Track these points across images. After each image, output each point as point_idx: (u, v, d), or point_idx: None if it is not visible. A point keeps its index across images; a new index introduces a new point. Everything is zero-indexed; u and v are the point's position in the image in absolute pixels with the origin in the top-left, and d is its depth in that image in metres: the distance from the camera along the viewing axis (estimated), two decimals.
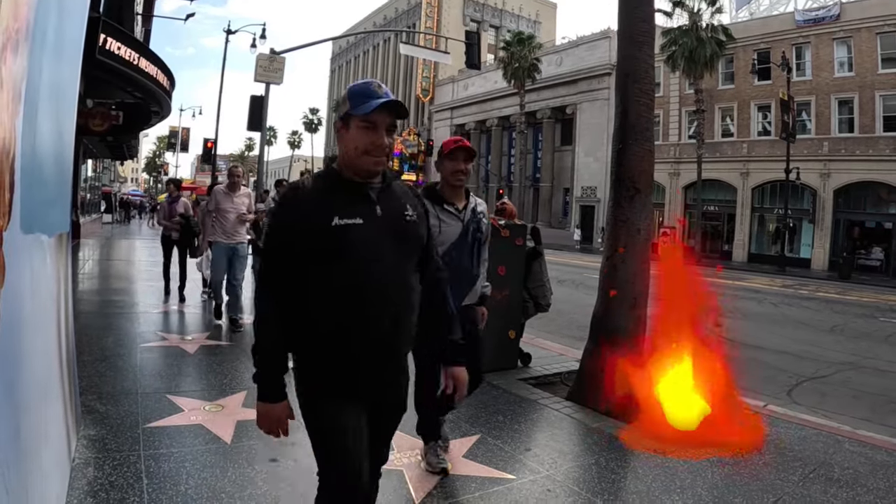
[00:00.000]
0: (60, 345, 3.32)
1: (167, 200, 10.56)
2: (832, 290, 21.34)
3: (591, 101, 44.43)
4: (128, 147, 29.36)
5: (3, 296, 1.80)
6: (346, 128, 2.14)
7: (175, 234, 10.23)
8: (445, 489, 3.65)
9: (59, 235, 3.35)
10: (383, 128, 2.11)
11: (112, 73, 13.30)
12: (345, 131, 2.15)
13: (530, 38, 46.17)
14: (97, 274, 14.14)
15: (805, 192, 33.11)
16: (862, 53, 30.83)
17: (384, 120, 2.11)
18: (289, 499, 3.40)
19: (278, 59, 20.13)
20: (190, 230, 10.11)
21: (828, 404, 6.50)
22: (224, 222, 8.00)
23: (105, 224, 36.70)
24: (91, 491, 3.28)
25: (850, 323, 13.00)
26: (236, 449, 4.07)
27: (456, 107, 59.09)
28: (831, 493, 3.88)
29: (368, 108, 2.07)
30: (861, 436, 5.06)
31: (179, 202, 10.51)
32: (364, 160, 2.11)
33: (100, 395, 4.89)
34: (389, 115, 2.12)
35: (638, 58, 5.66)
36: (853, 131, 31.37)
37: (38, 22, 2.23)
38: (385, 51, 71.42)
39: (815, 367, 8.25)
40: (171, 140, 59.09)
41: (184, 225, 10.16)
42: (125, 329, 7.65)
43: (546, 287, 6.85)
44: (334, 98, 79.38)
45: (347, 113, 2.13)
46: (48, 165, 2.83)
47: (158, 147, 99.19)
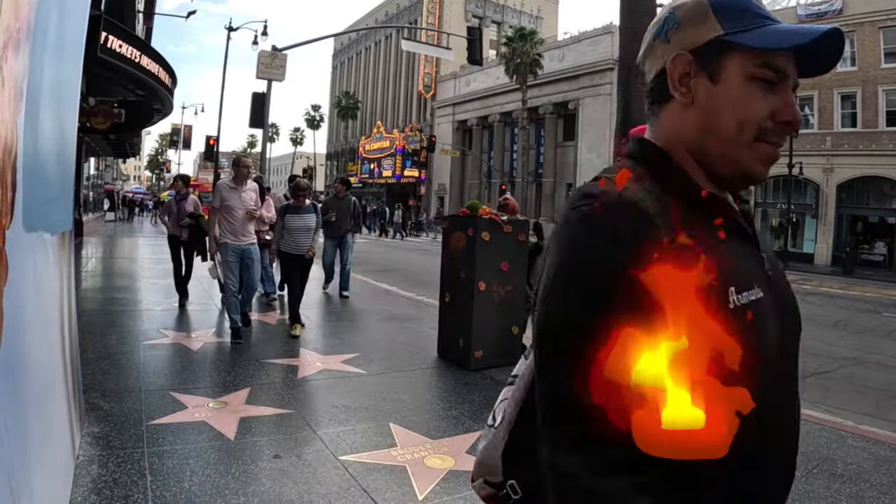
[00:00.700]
0: (64, 343, 3.33)
1: (174, 198, 9.59)
2: (835, 285, 21.30)
3: (594, 97, 44.33)
4: (130, 145, 29.41)
5: (5, 294, 1.80)
6: (711, 76, 0.98)
7: (184, 235, 9.35)
8: (448, 485, 3.66)
9: (61, 233, 3.35)
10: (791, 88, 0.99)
11: (114, 71, 13.32)
12: (704, 82, 0.98)
13: (532, 33, 46.13)
14: (100, 272, 14.16)
15: (808, 187, 33.05)
16: (865, 48, 30.72)
17: (794, 71, 0.98)
18: (292, 495, 3.41)
19: (280, 56, 20.13)
20: (201, 231, 9.15)
21: (831, 399, 6.49)
22: (232, 221, 7.19)
23: (108, 222, 36.78)
24: (95, 488, 3.29)
25: (853, 318, 12.97)
26: (240, 446, 4.08)
27: (458, 103, 58.99)
28: (835, 488, 3.88)
29: (791, 40, 0.94)
30: (865, 431, 5.05)
31: (189, 200, 9.50)
32: (757, 150, 1.00)
33: (103, 393, 4.90)
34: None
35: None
36: (856, 126, 31.27)
37: (39, 21, 2.23)
38: (387, 47, 71.32)
39: (819, 362, 8.23)
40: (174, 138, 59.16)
41: (194, 226, 9.27)
42: (128, 327, 7.66)
43: None
44: (336, 95, 79.46)
45: (722, 40, 0.96)
46: (50, 164, 2.83)
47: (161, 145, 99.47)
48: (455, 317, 6.66)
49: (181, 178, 10.25)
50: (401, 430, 4.56)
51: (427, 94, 63.07)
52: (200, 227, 9.10)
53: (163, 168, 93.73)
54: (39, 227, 2.56)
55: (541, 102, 48.53)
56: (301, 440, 4.24)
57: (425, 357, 6.82)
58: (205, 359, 6.34)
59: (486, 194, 52.82)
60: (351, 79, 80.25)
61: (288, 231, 7.55)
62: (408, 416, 4.90)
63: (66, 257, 3.65)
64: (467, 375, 6.17)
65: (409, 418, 4.83)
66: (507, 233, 6.49)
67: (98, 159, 35.39)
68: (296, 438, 4.27)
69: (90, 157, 29.06)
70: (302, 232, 7.56)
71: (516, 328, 6.69)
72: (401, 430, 4.56)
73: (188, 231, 9.29)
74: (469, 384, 5.89)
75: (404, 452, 4.12)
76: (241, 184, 7.38)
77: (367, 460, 3.96)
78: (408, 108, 67.29)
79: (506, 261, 6.48)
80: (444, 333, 6.92)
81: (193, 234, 9.27)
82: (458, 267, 6.59)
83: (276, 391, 5.35)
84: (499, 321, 6.52)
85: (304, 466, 3.80)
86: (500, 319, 6.53)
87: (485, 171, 55.16)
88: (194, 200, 9.67)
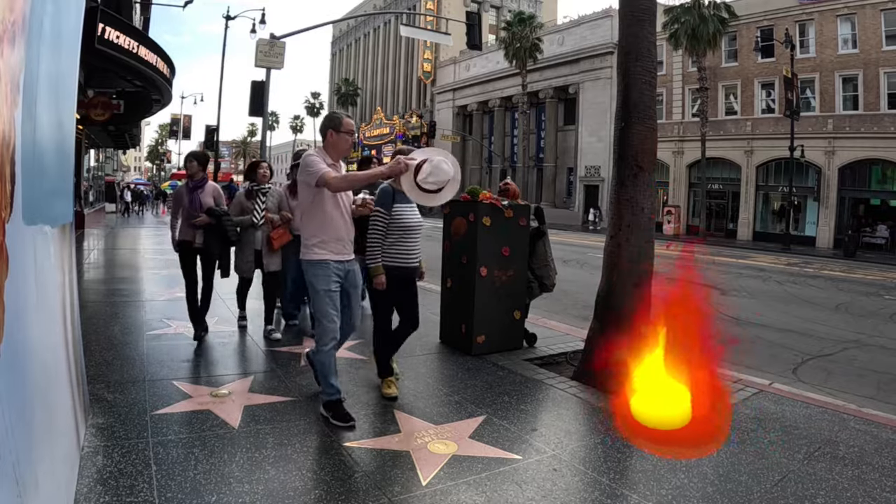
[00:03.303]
0: (66, 334, 3.34)
1: (187, 186, 6.66)
2: (837, 268, 21.29)
3: (594, 81, 44.18)
4: (130, 136, 29.38)
5: (7, 287, 1.81)
6: None
7: (199, 240, 6.58)
8: (452, 470, 3.67)
9: (62, 226, 3.36)
10: None
11: (112, 63, 13.28)
12: None
13: (531, 17, 46.00)
14: (102, 263, 14.17)
15: (810, 170, 32.96)
16: (866, 30, 30.53)
17: None
18: (297, 482, 3.43)
19: (278, 44, 20.02)
20: (222, 235, 6.56)
21: (833, 382, 6.51)
22: (336, 222, 4.78)
23: (109, 213, 36.77)
24: (101, 479, 3.31)
25: (855, 301, 12.97)
26: (244, 434, 4.09)
27: (458, 88, 58.84)
28: (836, 471, 3.89)
29: None
30: (867, 414, 5.06)
31: (206, 188, 6.63)
32: None
33: (107, 384, 4.92)
34: None
35: (639, 36, 5.63)
36: (858, 109, 31.16)
37: (34, 13, 2.23)
38: (386, 33, 71.06)
39: (821, 345, 8.25)
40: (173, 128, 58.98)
41: (214, 225, 6.52)
42: (131, 317, 7.68)
43: (550, 267, 6.85)
44: (335, 82, 79.23)
45: None
46: (49, 156, 2.83)
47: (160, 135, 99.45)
48: (457, 302, 6.66)
49: (195, 156, 6.84)
50: (404, 416, 4.58)
51: (427, 79, 62.90)
52: (223, 229, 6.52)
53: (163, 158, 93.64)
54: (40, 220, 2.56)
55: (541, 87, 48.42)
56: (305, 428, 4.26)
57: (427, 343, 6.83)
58: (208, 348, 6.35)
59: (486, 179, 52.80)
60: (350, 66, 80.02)
61: (399, 230, 4.96)
62: (411, 401, 4.92)
63: (68, 249, 3.65)
64: (469, 361, 6.19)
65: (412, 404, 4.85)
66: (509, 218, 6.48)
67: (98, 151, 35.35)
68: (300, 426, 4.29)
69: (90, 148, 29.03)
70: (417, 232, 5.09)
71: (518, 313, 6.69)
72: (404, 416, 4.58)
73: (203, 234, 6.56)
74: (471, 369, 5.90)
75: (408, 438, 4.14)
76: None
77: (371, 447, 3.98)
78: (408, 94, 67.12)
79: (507, 246, 6.47)
80: (445, 319, 6.94)
81: (211, 237, 6.55)
82: (460, 252, 6.59)
83: (280, 379, 5.37)
84: (501, 306, 6.53)
85: (309, 454, 3.82)
86: (501, 305, 6.53)
87: (485, 157, 55.12)
88: (214, 189, 6.74)
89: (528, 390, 5.37)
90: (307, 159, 4.27)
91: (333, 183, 4.20)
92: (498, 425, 4.47)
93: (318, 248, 4.33)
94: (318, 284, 4.31)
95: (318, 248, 4.33)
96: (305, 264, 4.39)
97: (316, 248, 4.34)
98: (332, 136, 4.40)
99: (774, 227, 34.76)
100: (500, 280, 6.48)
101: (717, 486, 3.60)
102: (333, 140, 4.40)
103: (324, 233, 4.34)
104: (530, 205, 6.89)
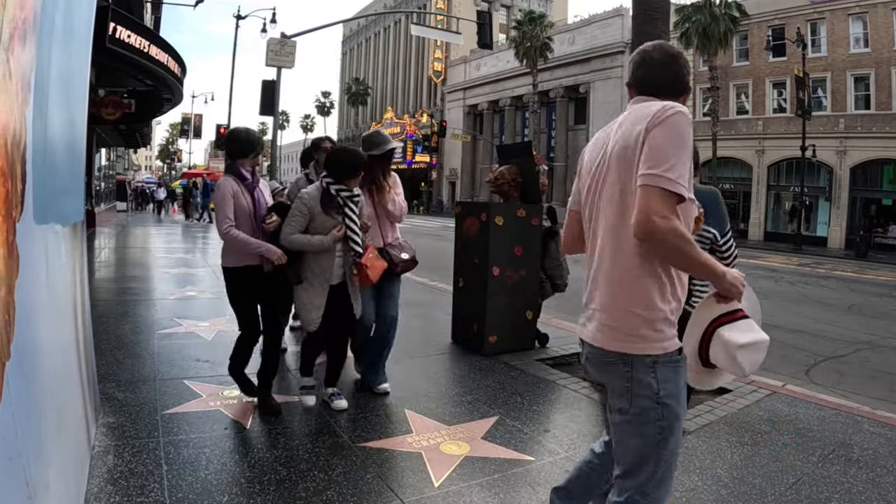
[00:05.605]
0: (77, 333, 3.34)
1: (236, 180, 4.36)
2: (849, 268, 21.15)
3: (605, 80, 44.08)
4: (141, 135, 29.48)
5: (18, 286, 1.79)
6: None
7: (268, 266, 4.32)
8: (465, 471, 3.65)
9: (73, 225, 3.35)
10: None
11: (123, 62, 13.34)
12: None
13: (542, 16, 45.99)
14: (113, 262, 14.22)
15: (821, 170, 32.79)
16: (878, 29, 30.35)
17: None
18: (308, 483, 3.41)
19: (289, 44, 20.08)
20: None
21: (846, 384, 6.45)
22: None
23: (120, 212, 36.93)
24: (111, 478, 3.30)
25: (867, 302, 12.87)
26: (255, 434, 4.09)
27: (468, 87, 58.84)
28: (851, 473, 3.84)
29: None
30: (881, 416, 5.00)
31: (263, 185, 4.62)
32: None
33: (118, 383, 4.92)
34: None
35: (652, 34, 5.59)
36: (869, 108, 30.98)
37: (45, 11, 2.21)
38: (396, 32, 71.10)
39: (833, 346, 8.18)
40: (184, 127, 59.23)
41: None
42: (142, 316, 7.69)
43: (563, 267, 6.81)
44: (346, 81, 79.35)
45: None
46: (60, 155, 2.82)
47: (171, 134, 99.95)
48: (469, 302, 6.64)
49: (236, 136, 4.56)
50: (416, 416, 4.56)
51: (437, 79, 62.91)
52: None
53: (174, 157, 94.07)
54: (51, 219, 2.55)
55: (551, 86, 48.36)
56: (316, 427, 4.25)
57: (439, 342, 6.81)
58: (219, 347, 6.34)
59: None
60: (361, 65, 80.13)
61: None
62: (423, 402, 4.89)
63: (79, 248, 3.65)
64: (482, 361, 6.16)
65: (423, 404, 4.82)
66: (521, 217, 6.46)
67: (109, 150, 35.51)
68: (311, 426, 4.28)
69: (101, 147, 29.17)
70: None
71: (530, 313, 6.66)
72: (416, 416, 4.56)
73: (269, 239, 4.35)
74: (483, 369, 5.87)
75: (420, 439, 4.12)
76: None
77: (382, 447, 3.96)
78: (418, 93, 67.16)
79: (519, 245, 6.44)
80: (457, 319, 6.91)
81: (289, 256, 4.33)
82: (472, 252, 6.56)
83: (291, 379, 5.36)
84: (513, 306, 6.50)
85: (321, 454, 3.80)
86: (514, 304, 6.51)
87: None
88: (266, 186, 4.73)
89: (540, 391, 5.34)
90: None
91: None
92: (510, 426, 4.44)
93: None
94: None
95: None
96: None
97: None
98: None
99: (786, 228, 34.58)
100: (512, 280, 6.45)
101: (731, 489, 3.56)
102: None
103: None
104: (542, 204, 6.85)
